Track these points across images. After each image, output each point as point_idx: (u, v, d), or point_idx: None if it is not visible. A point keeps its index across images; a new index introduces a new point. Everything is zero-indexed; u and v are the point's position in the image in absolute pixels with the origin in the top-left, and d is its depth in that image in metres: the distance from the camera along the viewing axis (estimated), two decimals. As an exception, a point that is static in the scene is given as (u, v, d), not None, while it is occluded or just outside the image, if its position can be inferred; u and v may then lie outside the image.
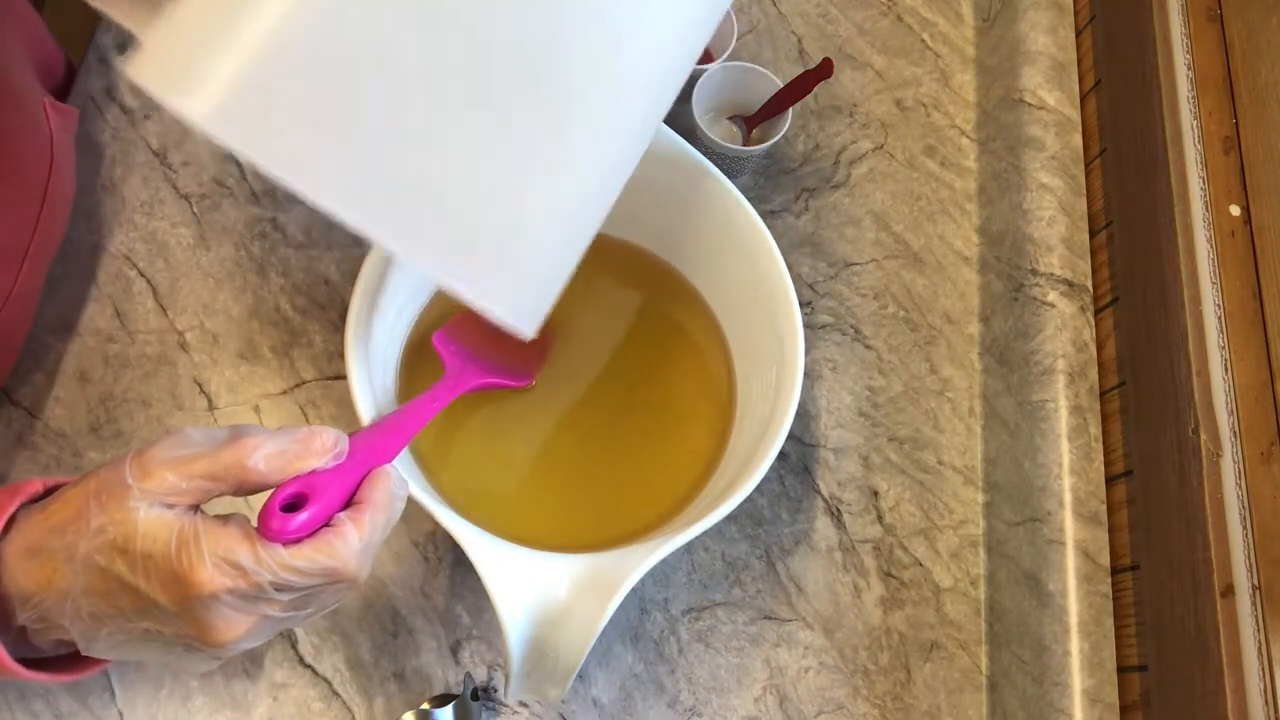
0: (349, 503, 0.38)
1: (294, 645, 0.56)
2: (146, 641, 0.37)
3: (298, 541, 0.35)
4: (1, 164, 0.52)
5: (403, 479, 0.41)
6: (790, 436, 0.66)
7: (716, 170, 0.55)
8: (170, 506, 0.35)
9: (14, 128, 0.53)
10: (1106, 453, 0.63)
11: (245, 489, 0.36)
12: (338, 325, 0.64)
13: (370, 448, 0.40)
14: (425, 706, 0.53)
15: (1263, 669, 0.47)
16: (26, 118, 0.55)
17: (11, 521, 0.37)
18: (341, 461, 0.38)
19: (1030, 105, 0.73)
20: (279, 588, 0.35)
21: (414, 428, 0.45)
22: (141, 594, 0.34)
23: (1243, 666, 0.48)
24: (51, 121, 0.57)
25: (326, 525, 0.37)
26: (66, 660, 0.40)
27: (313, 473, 0.37)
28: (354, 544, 0.36)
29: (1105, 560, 0.60)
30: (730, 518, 0.49)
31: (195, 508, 0.36)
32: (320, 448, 0.37)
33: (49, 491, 0.39)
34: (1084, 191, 0.71)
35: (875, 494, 0.67)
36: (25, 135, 0.54)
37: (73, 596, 0.35)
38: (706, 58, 0.73)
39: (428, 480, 0.53)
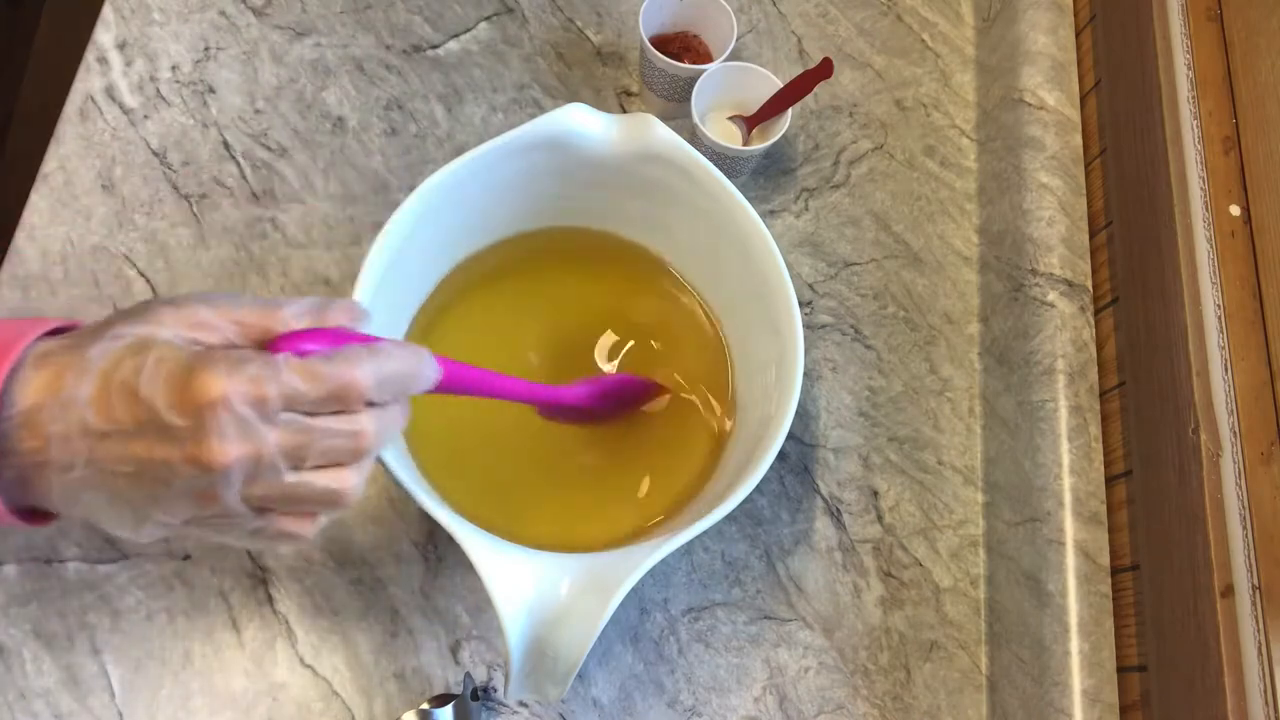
0: None
1: (294, 645, 0.56)
2: (134, 483, 0.35)
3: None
4: None
5: (434, 363, 0.39)
6: (790, 436, 0.66)
7: (716, 170, 0.55)
8: (194, 344, 0.35)
9: None
10: (1106, 453, 0.63)
11: (270, 339, 0.36)
12: (338, 325, 0.64)
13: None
14: (425, 706, 0.53)
15: (1263, 669, 0.47)
16: None
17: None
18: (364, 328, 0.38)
19: (1030, 105, 0.73)
20: (286, 401, 0.34)
21: (481, 381, 0.45)
22: (141, 400, 0.33)
23: (1243, 666, 0.48)
24: None
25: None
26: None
27: (339, 330, 0.37)
28: (367, 367, 0.35)
29: (1105, 560, 0.60)
30: (730, 518, 0.49)
31: None
32: (348, 306, 0.38)
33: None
34: (1084, 191, 0.71)
35: (875, 494, 0.67)
36: None
37: (69, 405, 0.33)
38: (706, 58, 0.73)
39: (428, 480, 0.53)
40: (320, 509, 0.37)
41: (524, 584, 0.43)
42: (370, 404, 0.36)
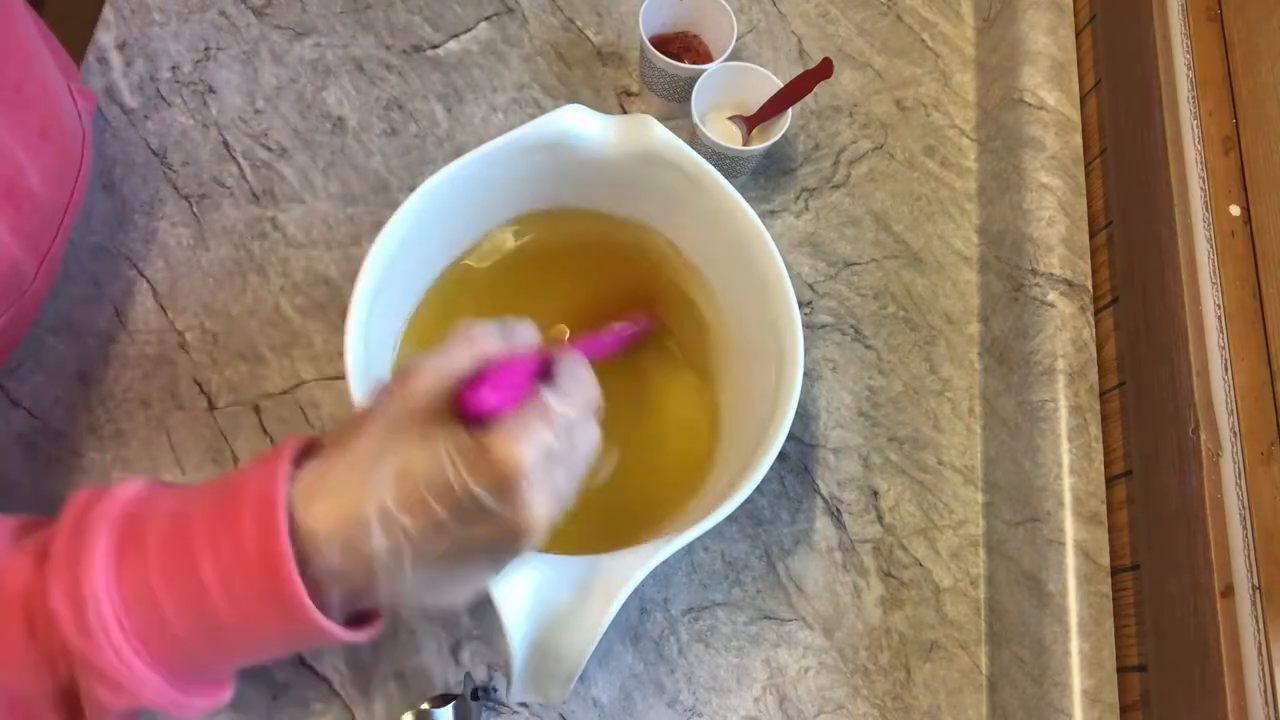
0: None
1: (294, 645, 0.56)
2: (451, 561, 0.36)
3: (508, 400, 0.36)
4: (49, 135, 0.54)
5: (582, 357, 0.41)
6: (790, 436, 0.66)
7: (715, 171, 0.55)
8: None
9: (58, 101, 0.56)
10: (1106, 453, 0.63)
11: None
12: (338, 325, 0.64)
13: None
14: (425, 706, 0.53)
15: (1263, 669, 0.47)
16: (63, 93, 0.57)
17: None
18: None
19: (1030, 105, 0.73)
20: (562, 428, 0.35)
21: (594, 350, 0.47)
22: (454, 489, 0.33)
23: (1243, 666, 0.48)
24: (79, 103, 0.60)
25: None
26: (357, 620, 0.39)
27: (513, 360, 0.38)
28: (585, 374, 0.38)
29: (1105, 560, 0.60)
30: (730, 518, 0.49)
31: None
32: (527, 333, 0.40)
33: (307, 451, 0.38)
34: (1084, 191, 0.71)
35: (875, 494, 0.67)
36: (65, 110, 0.57)
37: (376, 521, 0.34)
38: (706, 58, 0.73)
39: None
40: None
41: (526, 586, 0.43)
42: None
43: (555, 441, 0.35)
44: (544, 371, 0.38)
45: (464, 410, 0.35)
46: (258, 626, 0.35)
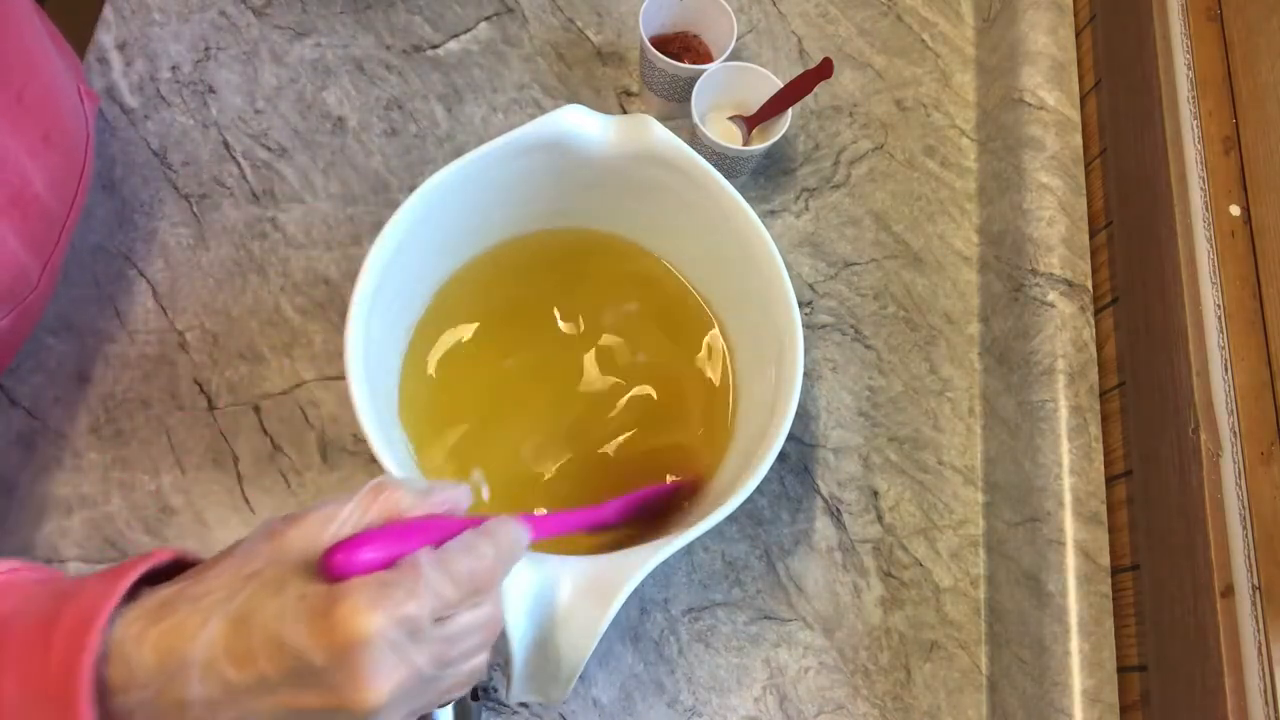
0: None
1: (294, 645, 0.56)
2: None
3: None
4: (53, 139, 0.54)
5: (525, 527, 0.38)
6: (790, 436, 0.66)
7: (715, 171, 0.55)
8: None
9: (63, 102, 0.56)
10: (1106, 453, 0.63)
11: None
12: (338, 325, 0.64)
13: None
14: (426, 707, 0.53)
15: (1263, 669, 0.47)
16: (70, 96, 0.57)
17: (133, 598, 0.32)
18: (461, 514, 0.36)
19: (1030, 105, 0.73)
20: (434, 614, 0.32)
21: (553, 528, 0.44)
22: (286, 648, 0.30)
23: (1243, 666, 0.48)
24: (85, 104, 0.60)
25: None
26: None
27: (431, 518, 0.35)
28: (490, 553, 0.34)
29: (1105, 560, 0.60)
30: (730, 518, 0.49)
31: None
32: (455, 496, 0.36)
33: (180, 567, 0.35)
34: (1084, 191, 0.71)
35: (875, 494, 0.67)
36: (70, 113, 0.57)
37: (200, 665, 0.30)
38: (706, 58, 0.73)
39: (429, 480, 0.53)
40: (457, 696, 0.36)
41: (526, 586, 0.43)
42: None
43: (420, 614, 0.31)
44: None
45: (325, 569, 0.31)
46: None
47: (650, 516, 0.57)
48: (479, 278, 0.61)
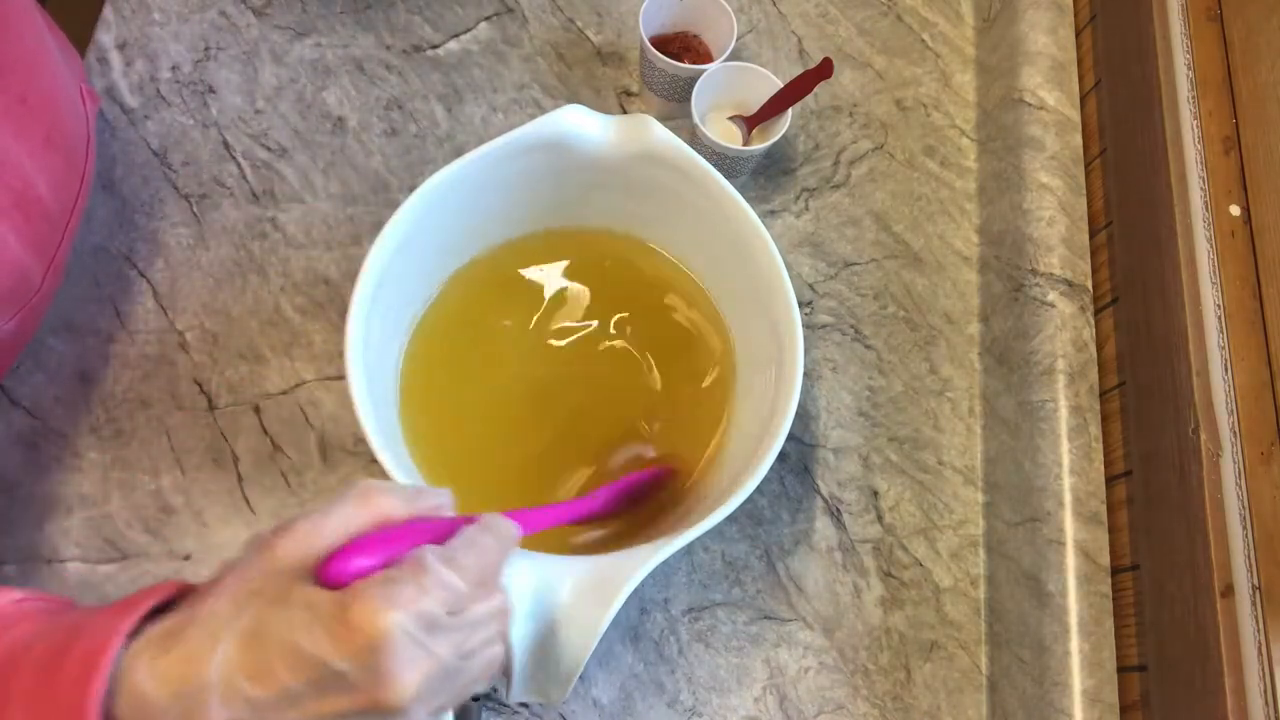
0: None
1: (294, 645, 0.56)
2: None
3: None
4: (54, 141, 0.54)
5: (512, 523, 0.38)
6: (790, 436, 0.66)
7: (715, 171, 0.55)
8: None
9: (64, 103, 0.56)
10: (1106, 453, 0.63)
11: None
12: (338, 325, 0.64)
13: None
14: (426, 707, 0.53)
15: (1263, 669, 0.47)
16: (71, 96, 0.57)
17: (138, 630, 0.32)
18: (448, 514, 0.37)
19: (1030, 105, 0.73)
20: (449, 606, 0.32)
21: (537, 521, 0.44)
22: (306, 656, 0.30)
23: (1243, 666, 0.48)
24: (87, 105, 0.61)
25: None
26: None
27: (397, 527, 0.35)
28: (488, 541, 0.35)
29: (1105, 560, 0.60)
30: (730, 518, 0.49)
31: None
32: (441, 498, 0.37)
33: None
34: (1084, 191, 0.71)
35: (875, 494, 0.67)
36: (72, 115, 0.57)
37: (219, 687, 0.30)
38: (706, 58, 0.73)
39: (429, 481, 0.53)
40: (482, 689, 0.36)
41: (525, 586, 0.43)
42: None
43: (434, 607, 0.31)
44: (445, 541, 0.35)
45: (324, 578, 0.31)
46: None
47: (635, 505, 0.57)
48: (479, 277, 0.61)
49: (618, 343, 0.62)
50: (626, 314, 0.63)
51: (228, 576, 0.33)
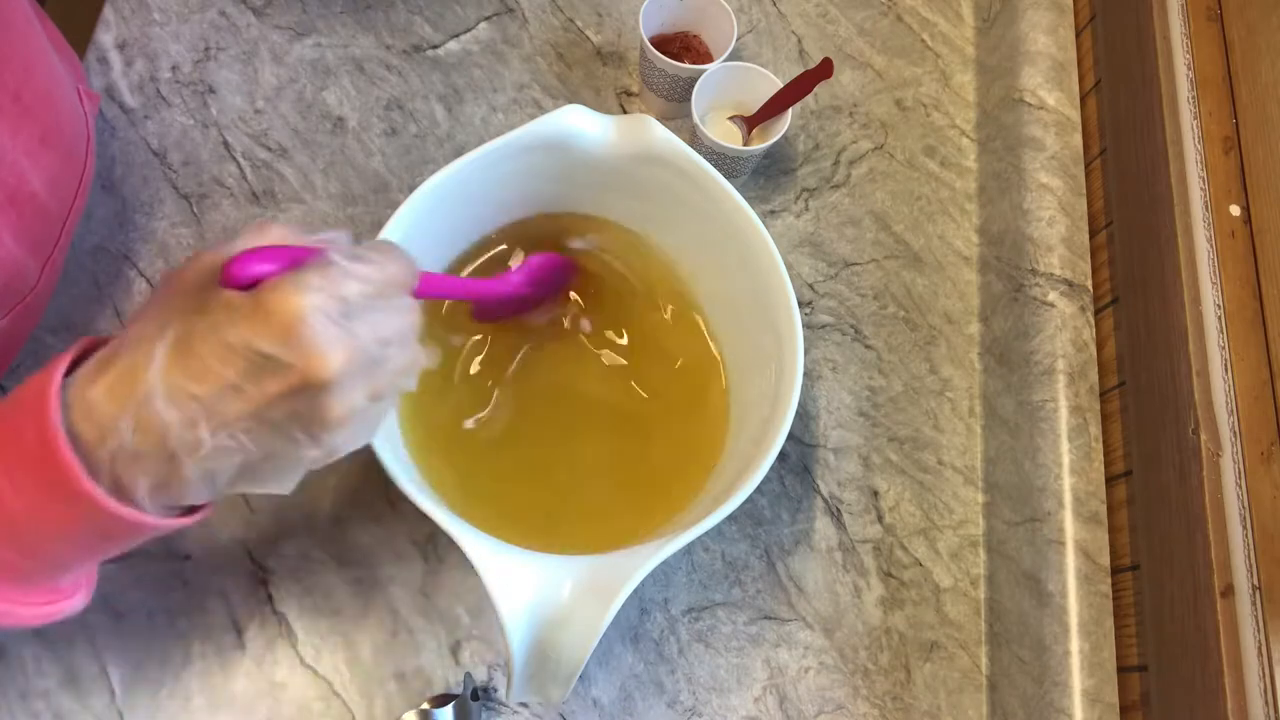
0: None
1: (294, 645, 0.56)
2: (258, 435, 0.35)
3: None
4: (50, 140, 0.54)
5: (408, 253, 0.40)
6: (790, 436, 0.66)
7: (714, 171, 0.55)
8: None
9: (61, 102, 0.56)
10: (1106, 453, 0.63)
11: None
12: (338, 325, 0.64)
13: None
14: (425, 706, 0.53)
15: (1263, 669, 0.47)
16: (68, 95, 0.58)
17: (73, 371, 0.35)
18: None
19: (1030, 105, 0.73)
20: (360, 295, 0.34)
21: (441, 285, 0.48)
22: (234, 347, 0.33)
23: (1243, 666, 0.48)
24: (85, 105, 0.61)
25: None
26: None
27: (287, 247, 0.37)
28: (389, 251, 0.37)
29: (1105, 560, 0.60)
30: (730, 518, 0.49)
31: None
32: (333, 235, 0.39)
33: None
34: (1084, 191, 0.71)
35: (875, 494, 0.67)
36: (69, 114, 0.57)
37: (161, 389, 0.33)
38: (706, 58, 0.73)
39: (428, 483, 0.53)
40: (400, 388, 0.39)
41: (525, 586, 0.43)
42: None
43: (345, 292, 0.34)
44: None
45: (228, 279, 0.34)
46: (49, 516, 0.34)
47: (542, 295, 0.60)
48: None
49: (619, 341, 0.62)
50: (624, 312, 0.63)
51: (144, 309, 0.36)
